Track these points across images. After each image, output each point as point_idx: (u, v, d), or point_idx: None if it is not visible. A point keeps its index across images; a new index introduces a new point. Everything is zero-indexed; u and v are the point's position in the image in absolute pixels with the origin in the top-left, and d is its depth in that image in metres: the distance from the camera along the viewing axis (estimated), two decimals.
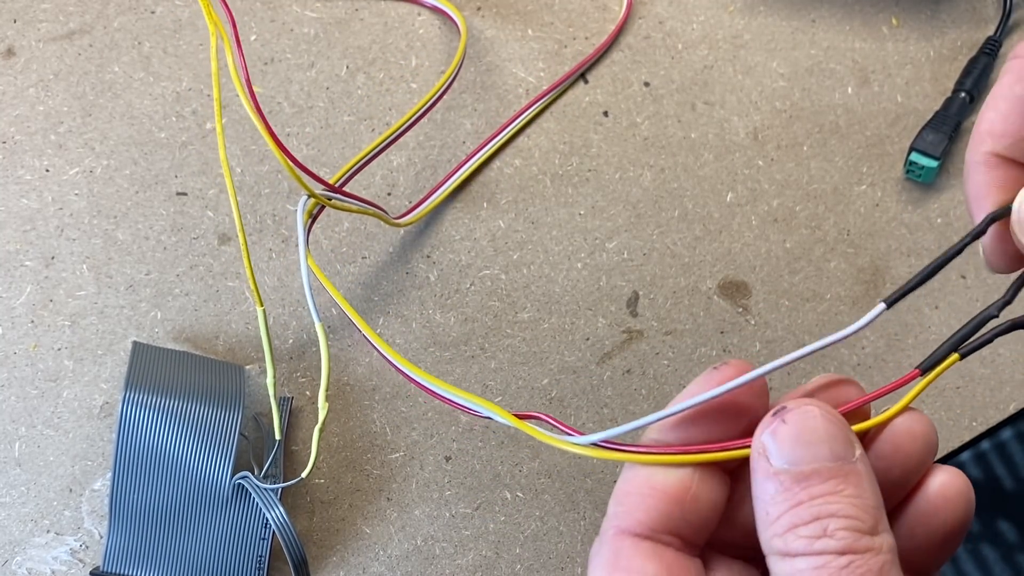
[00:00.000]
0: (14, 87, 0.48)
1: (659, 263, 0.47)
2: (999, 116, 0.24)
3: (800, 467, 0.22)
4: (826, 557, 0.21)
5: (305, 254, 0.37)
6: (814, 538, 0.22)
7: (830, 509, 0.22)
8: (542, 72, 0.50)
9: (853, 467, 0.23)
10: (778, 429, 0.23)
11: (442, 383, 0.30)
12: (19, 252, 0.46)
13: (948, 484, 0.25)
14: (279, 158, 0.36)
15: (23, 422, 0.43)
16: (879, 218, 0.48)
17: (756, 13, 0.52)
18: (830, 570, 0.21)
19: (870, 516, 0.22)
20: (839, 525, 0.22)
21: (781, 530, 0.22)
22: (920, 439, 0.25)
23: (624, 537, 0.24)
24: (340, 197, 0.40)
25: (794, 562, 0.22)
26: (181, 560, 0.41)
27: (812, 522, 0.22)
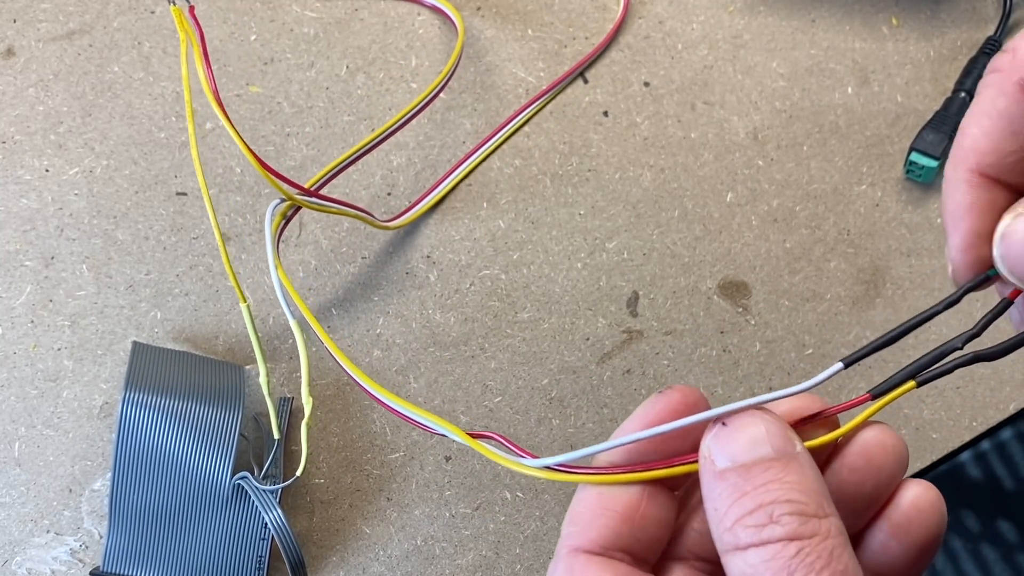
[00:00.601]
0: (14, 87, 0.48)
1: (659, 263, 0.47)
2: (982, 132, 0.24)
3: (742, 461, 0.23)
4: (775, 547, 0.22)
5: (274, 257, 0.38)
6: (761, 527, 0.22)
7: (773, 496, 0.22)
8: (542, 72, 0.50)
9: (794, 457, 0.23)
10: (719, 432, 0.24)
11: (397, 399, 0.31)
12: (19, 252, 0.46)
13: (921, 496, 0.26)
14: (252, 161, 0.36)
15: (23, 422, 0.43)
16: (879, 218, 0.48)
17: (756, 13, 0.52)
18: (780, 561, 0.21)
19: (813, 500, 0.22)
20: (784, 510, 0.22)
21: (729, 523, 0.22)
22: (891, 452, 0.25)
23: (577, 554, 0.25)
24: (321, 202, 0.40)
25: (746, 555, 0.22)
26: (181, 560, 0.41)
27: (757, 510, 0.22)
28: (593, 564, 0.24)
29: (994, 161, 0.24)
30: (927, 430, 0.45)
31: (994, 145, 0.24)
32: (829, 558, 0.21)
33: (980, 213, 0.24)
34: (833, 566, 0.21)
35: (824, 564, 0.21)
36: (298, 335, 0.37)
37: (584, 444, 0.45)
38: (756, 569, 0.22)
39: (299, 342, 0.37)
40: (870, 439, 0.25)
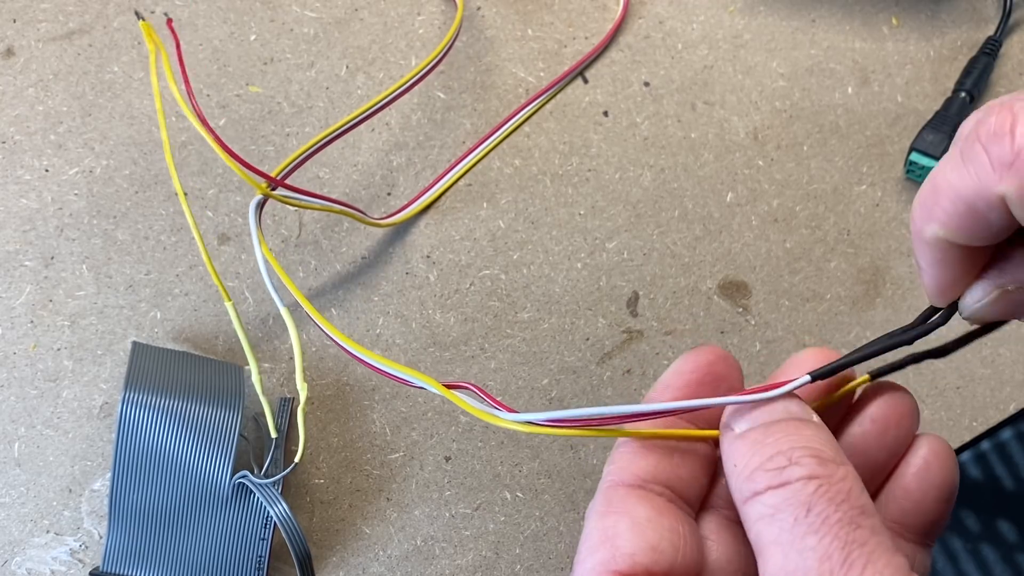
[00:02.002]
0: (14, 87, 0.48)
1: (659, 263, 0.47)
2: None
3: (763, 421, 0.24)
4: (795, 485, 0.22)
5: (259, 244, 0.38)
6: (780, 469, 0.22)
7: (791, 443, 0.23)
8: (541, 72, 0.50)
9: (809, 420, 0.24)
10: (739, 408, 0.24)
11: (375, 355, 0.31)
12: (19, 252, 0.46)
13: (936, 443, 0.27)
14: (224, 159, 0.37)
15: (23, 422, 0.43)
16: (879, 218, 0.48)
17: (756, 13, 0.51)
18: (801, 496, 0.22)
19: (830, 448, 0.23)
20: (802, 453, 0.22)
21: (749, 472, 0.23)
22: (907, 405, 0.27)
23: (617, 487, 0.25)
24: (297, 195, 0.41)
25: (764, 498, 0.22)
26: (181, 560, 0.41)
27: (776, 456, 0.23)
28: (632, 495, 0.25)
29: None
30: (927, 430, 0.45)
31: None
32: (848, 494, 0.22)
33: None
34: (852, 501, 0.22)
35: (843, 498, 0.22)
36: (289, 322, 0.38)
37: (584, 443, 0.45)
38: (776, 508, 0.22)
39: (289, 326, 0.38)
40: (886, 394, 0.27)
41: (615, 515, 0.24)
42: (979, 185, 0.21)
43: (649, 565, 0.23)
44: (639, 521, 0.24)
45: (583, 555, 0.24)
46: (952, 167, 0.21)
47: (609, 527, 0.24)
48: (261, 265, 0.38)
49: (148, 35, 0.40)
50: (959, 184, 0.21)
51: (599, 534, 0.24)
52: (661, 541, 0.24)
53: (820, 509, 0.21)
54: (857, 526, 0.21)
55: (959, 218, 0.22)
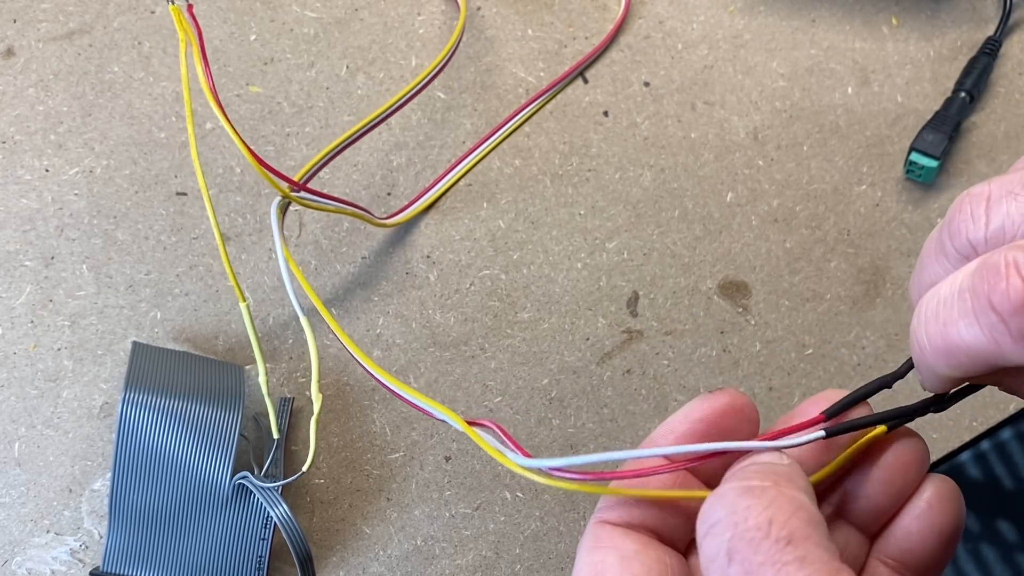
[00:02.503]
0: (14, 87, 0.48)
1: (659, 263, 0.47)
2: None
3: None
4: (718, 527, 0.22)
5: (282, 250, 0.38)
6: (707, 518, 0.22)
7: (726, 486, 0.22)
8: (542, 72, 0.50)
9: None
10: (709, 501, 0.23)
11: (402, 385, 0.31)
12: (19, 252, 0.46)
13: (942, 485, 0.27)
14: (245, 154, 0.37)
15: (23, 422, 0.43)
16: (879, 218, 0.48)
17: (756, 13, 0.52)
18: (724, 542, 0.21)
19: (760, 478, 0.22)
20: (729, 494, 0.22)
21: (699, 538, 0.22)
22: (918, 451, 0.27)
23: (604, 525, 0.26)
24: (315, 198, 0.40)
25: (702, 549, 0.22)
26: (181, 560, 0.41)
27: (714, 503, 0.22)
28: (619, 530, 0.25)
29: None
30: (927, 430, 0.45)
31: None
32: (768, 527, 0.21)
33: None
34: (775, 534, 0.21)
35: (763, 535, 0.21)
36: (308, 331, 0.37)
37: (584, 444, 0.45)
38: (709, 559, 0.22)
39: (309, 338, 0.37)
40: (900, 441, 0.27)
41: (603, 550, 0.25)
42: (999, 353, 0.21)
43: None
44: (626, 555, 0.25)
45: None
46: (967, 327, 0.22)
47: (598, 562, 0.25)
48: (283, 270, 0.38)
49: (179, 21, 0.38)
50: (978, 347, 0.22)
51: (589, 569, 0.25)
52: (648, 572, 0.24)
53: (742, 554, 0.21)
54: (782, 564, 0.21)
55: (976, 368, 0.23)
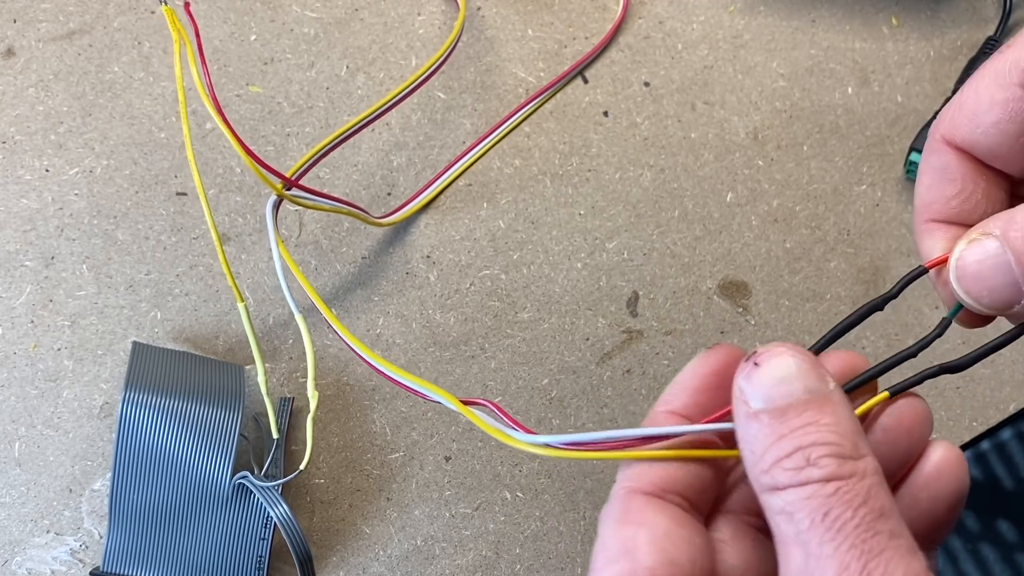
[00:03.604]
0: (14, 87, 0.48)
1: (659, 263, 0.47)
2: (925, 189, 0.28)
3: (777, 403, 0.23)
4: (813, 486, 0.22)
5: (277, 246, 0.38)
6: (799, 469, 0.22)
7: (811, 439, 0.23)
8: (542, 72, 0.50)
9: (828, 398, 0.24)
10: (752, 373, 0.24)
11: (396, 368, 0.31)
12: (19, 252, 0.46)
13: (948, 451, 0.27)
14: (245, 159, 0.36)
15: (23, 422, 0.43)
16: (879, 218, 0.48)
17: (756, 13, 0.52)
18: (819, 499, 0.22)
19: (849, 441, 0.23)
20: (821, 452, 0.22)
21: (767, 465, 0.23)
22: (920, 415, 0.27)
23: (634, 495, 0.25)
24: (310, 196, 0.40)
25: (783, 494, 0.23)
26: (181, 560, 0.41)
27: (795, 453, 0.23)
28: (650, 505, 0.25)
29: (942, 207, 0.27)
30: None
31: (937, 194, 0.27)
32: (867, 496, 0.22)
33: (944, 250, 0.27)
34: (870, 504, 0.22)
35: (861, 502, 0.22)
36: (303, 329, 0.37)
37: None
38: (794, 506, 0.22)
39: (304, 334, 0.37)
40: (901, 404, 0.27)
41: (634, 526, 0.25)
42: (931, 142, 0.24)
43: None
44: (658, 534, 0.24)
45: (600, 564, 0.25)
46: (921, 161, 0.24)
47: (628, 538, 0.25)
48: (278, 267, 0.38)
49: (172, 22, 0.38)
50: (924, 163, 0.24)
51: (618, 544, 0.25)
52: (679, 555, 0.24)
53: (838, 514, 0.22)
54: (875, 532, 0.22)
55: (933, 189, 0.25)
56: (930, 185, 0.28)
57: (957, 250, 0.26)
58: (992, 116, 0.26)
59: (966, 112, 0.26)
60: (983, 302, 0.25)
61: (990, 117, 0.26)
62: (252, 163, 0.37)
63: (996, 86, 0.25)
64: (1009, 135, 0.26)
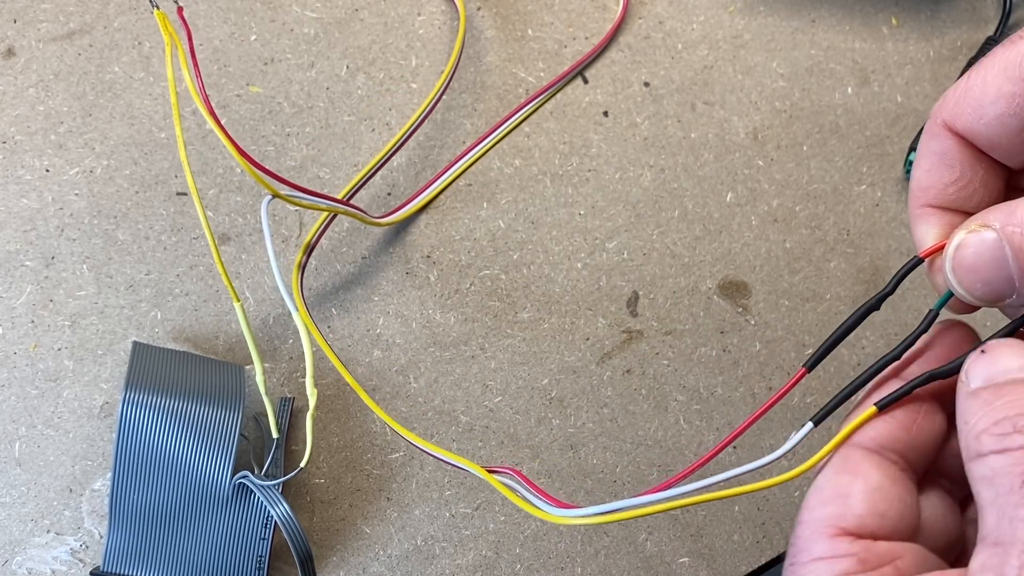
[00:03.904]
0: (14, 87, 0.48)
1: (659, 263, 0.47)
2: (923, 173, 0.28)
3: (995, 381, 0.24)
4: (1015, 454, 0.23)
5: (273, 250, 0.39)
6: (1004, 435, 0.23)
7: (1018, 408, 0.23)
8: (542, 72, 0.50)
9: None
10: (978, 359, 0.25)
11: (419, 439, 0.33)
12: (19, 252, 0.46)
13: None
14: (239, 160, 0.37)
15: (23, 422, 0.44)
16: (879, 218, 0.48)
17: (756, 13, 0.52)
18: (1020, 466, 0.22)
19: None
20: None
21: (977, 432, 0.24)
22: None
23: (855, 448, 0.26)
24: (307, 197, 0.40)
25: (987, 460, 0.23)
26: (181, 560, 0.41)
27: (1003, 421, 0.23)
28: (869, 458, 0.26)
29: (939, 193, 0.27)
30: None
31: (935, 179, 0.27)
32: None
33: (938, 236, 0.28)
34: None
35: None
36: (301, 328, 0.37)
37: (584, 444, 0.45)
38: (995, 472, 0.23)
39: (301, 331, 0.38)
40: None
41: (850, 475, 0.26)
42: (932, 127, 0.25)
43: (875, 530, 0.25)
44: (872, 487, 0.26)
45: (813, 503, 0.26)
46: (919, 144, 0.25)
47: (844, 484, 0.26)
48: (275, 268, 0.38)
49: (163, 25, 0.38)
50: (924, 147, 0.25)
51: (833, 489, 0.26)
52: (889, 509, 0.25)
53: None
54: None
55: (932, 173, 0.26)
56: (928, 170, 0.28)
57: (955, 239, 0.26)
58: (997, 108, 0.26)
59: (970, 100, 0.26)
60: (976, 294, 0.26)
61: (995, 109, 0.26)
62: (247, 164, 0.37)
63: (1004, 78, 0.25)
64: (1012, 129, 0.26)
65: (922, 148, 0.28)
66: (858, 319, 0.29)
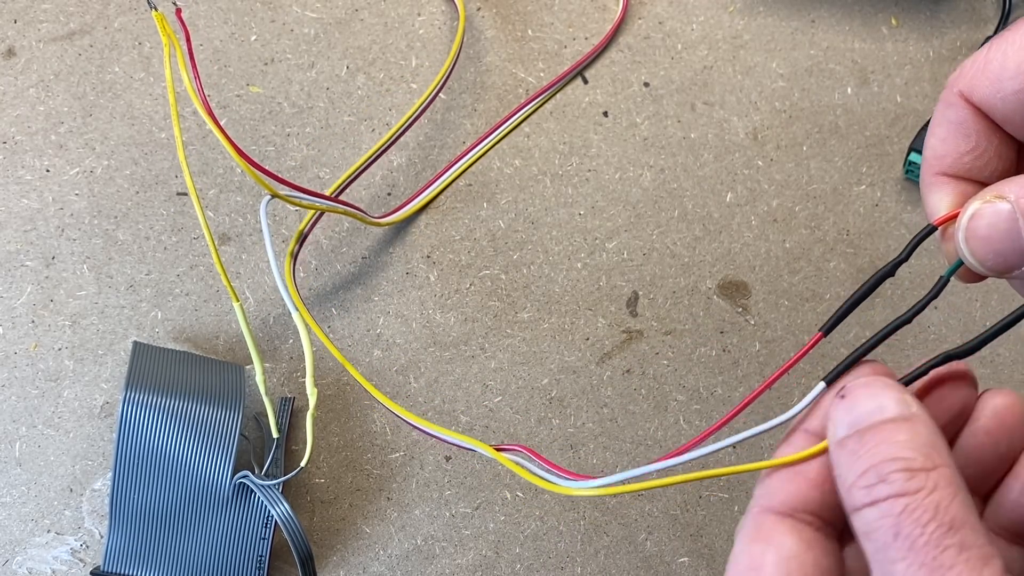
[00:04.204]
0: (15, 87, 0.48)
1: (659, 263, 0.47)
2: (938, 141, 0.27)
3: (859, 428, 0.24)
4: (884, 505, 0.23)
5: (273, 250, 0.39)
6: (871, 487, 0.23)
7: (881, 455, 0.23)
8: (541, 72, 0.50)
9: (908, 418, 0.24)
10: (839, 404, 0.25)
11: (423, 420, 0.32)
12: (20, 252, 0.46)
13: None
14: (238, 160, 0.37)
15: (24, 422, 0.44)
16: (879, 218, 0.48)
17: (756, 13, 0.52)
18: (890, 518, 0.22)
19: (922, 454, 0.23)
20: (891, 468, 0.23)
21: (847, 486, 0.24)
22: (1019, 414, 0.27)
23: (767, 514, 0.26)
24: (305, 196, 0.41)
25: (862, 514, 0.23)
26: (181, 560, 0.41)
27: (868, 471, 0.23)
28: (781, 524, 0.25)
29: (954, 162, 0.27)
30: None
31: (950, 148, 0.27)
32: (935, 511, 0.22)
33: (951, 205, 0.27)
34: (939, 518, 0.22)
35: (930, 517, 0.22)
36: (301, 328, 0.37)
37: (584, 444, 0.45)
38: (870, 526, 0.23)
39: (301, 330, 0.38)
40: (1000, 404, 0.27)
41: (762, 544, 0.25)
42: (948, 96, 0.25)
43: None
44: (785, 555, 0.25)
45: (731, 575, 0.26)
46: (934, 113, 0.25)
47: (756, 555, 0.25)
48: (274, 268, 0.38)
49: (162, 26, 0.39)
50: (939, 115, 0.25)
51: (747, 561, 0.25)
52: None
53: (908, 532, 0.22)
54: (944, 548, 0.22)
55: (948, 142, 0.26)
56: (944, 138, 0.27)
57: (970, 209, 0.25)
58: (1015, 84, 0.25)
59: (989, 74, 0.26)
60: (987, 264, 0.25)
61: (1013, 84, 0.25)
62: (245, 164, 0.37)
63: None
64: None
65: (937, 116, 0.27)
66: (873, 285, 0.28)
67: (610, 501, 0.44)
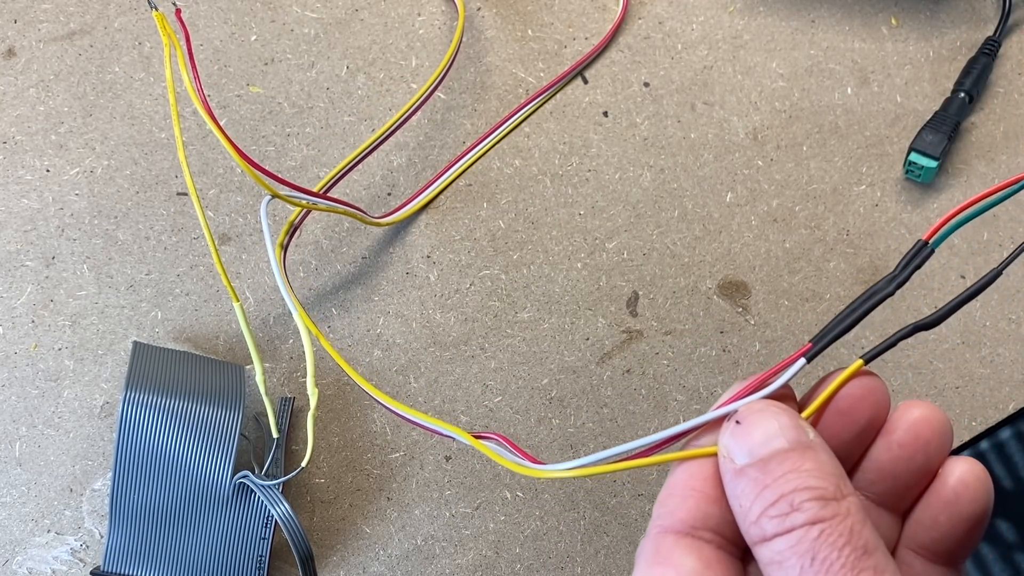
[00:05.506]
0: (15, 87, 0.48)
1: (659, 263, 0.47)
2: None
3: (760, 456, 0.24)
4: (799, 532, 0.23)
5: (273, 250, 0.39)
6: (783, 516, 0.23)
7: (792, 485, 0.23)
8: (542, 72, 0.50)
9: (809, 445, 0.24)
10: (735, 431, 0.25)
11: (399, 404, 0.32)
12: (20, 252, 0.46)
13: (967, 472, 0.26)
14: (238, 161, 0.37)
15: (24, 422, 0.44)
16: (878, 218, 0.48)
17: (756, 13, 0.52)
18: (805, 544, 0.22)
19: (831, 483, 0.23)
20: (804, 497, 0.23)
21: (755, 517, 0.23)
22: (937, 427, 0.26)
23: (666, 534, 0.25)
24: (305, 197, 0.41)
25: (772, 544, 0.23)
26: (181, 560, 0.41)
27: (779, 501, 0.23)
28: (680, 544, 0.25)
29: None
30: None
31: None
32: (850, 535, 0.22)
33: None
34: (854, 542, 0.22)
35: (845, 541, 0.22)
36: (301, 326, 0.37)
37: (584, 444, 0.45)
38: (783, 555, 0.23)
39: (301, 330, 0.38)
40: (917, 416, 0.26)
41: (662, 567, 0.25)
42: None
43: None
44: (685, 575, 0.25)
45: None
46: None
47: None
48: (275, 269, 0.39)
49: (162, 26, 0.39)
50: None
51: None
52: None
53: (824, 556, 0.22)
54: (860, 570, 0.22)
55: None
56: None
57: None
58: None
59: None
60: None
61: None
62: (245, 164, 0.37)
63: None
64: None
65: None
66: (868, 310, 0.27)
67: (610, 501, 0.44)
